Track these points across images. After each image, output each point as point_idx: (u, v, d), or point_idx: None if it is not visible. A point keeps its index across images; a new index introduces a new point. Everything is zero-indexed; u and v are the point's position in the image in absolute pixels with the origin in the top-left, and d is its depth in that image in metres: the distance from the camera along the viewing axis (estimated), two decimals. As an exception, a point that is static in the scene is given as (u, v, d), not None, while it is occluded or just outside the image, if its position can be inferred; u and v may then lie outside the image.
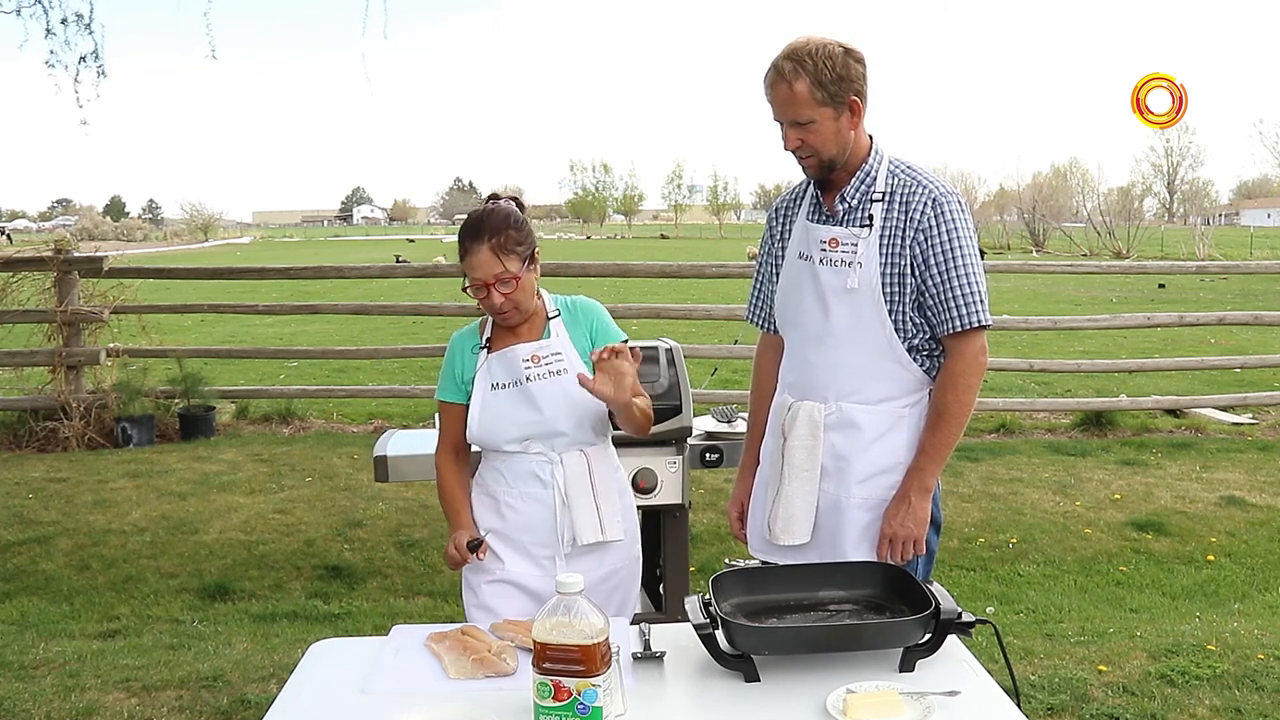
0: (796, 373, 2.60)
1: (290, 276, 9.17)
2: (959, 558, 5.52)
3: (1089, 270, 18.62)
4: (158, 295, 9.66)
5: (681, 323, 10.26)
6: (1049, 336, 13.19)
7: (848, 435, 2.50)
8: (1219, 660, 3.84)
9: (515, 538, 2.60)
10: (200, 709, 3.61)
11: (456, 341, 2.68)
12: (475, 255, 2.48)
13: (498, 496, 2.61)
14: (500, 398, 2.56)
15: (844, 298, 2.46)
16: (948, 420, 2.46)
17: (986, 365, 2.50)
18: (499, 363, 2.58)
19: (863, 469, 2.50)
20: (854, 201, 2.49)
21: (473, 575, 2.62)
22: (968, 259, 2.44)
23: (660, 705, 1.91)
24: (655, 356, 3.68)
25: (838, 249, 2.47)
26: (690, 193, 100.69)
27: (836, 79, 2.38)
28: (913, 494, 2.47)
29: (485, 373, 2.59)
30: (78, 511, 6.20)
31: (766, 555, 2.65)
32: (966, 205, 2.51)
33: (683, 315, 9.12)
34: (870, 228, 2.45)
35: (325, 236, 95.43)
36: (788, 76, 2.39)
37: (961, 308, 2.43)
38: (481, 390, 2.58)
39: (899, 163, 2.51)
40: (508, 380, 2.56)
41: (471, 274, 2.50)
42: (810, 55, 2.38)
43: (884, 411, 2.50)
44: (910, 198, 2.45)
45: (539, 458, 2.58)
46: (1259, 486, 6.65)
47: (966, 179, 70.25)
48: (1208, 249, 37.83)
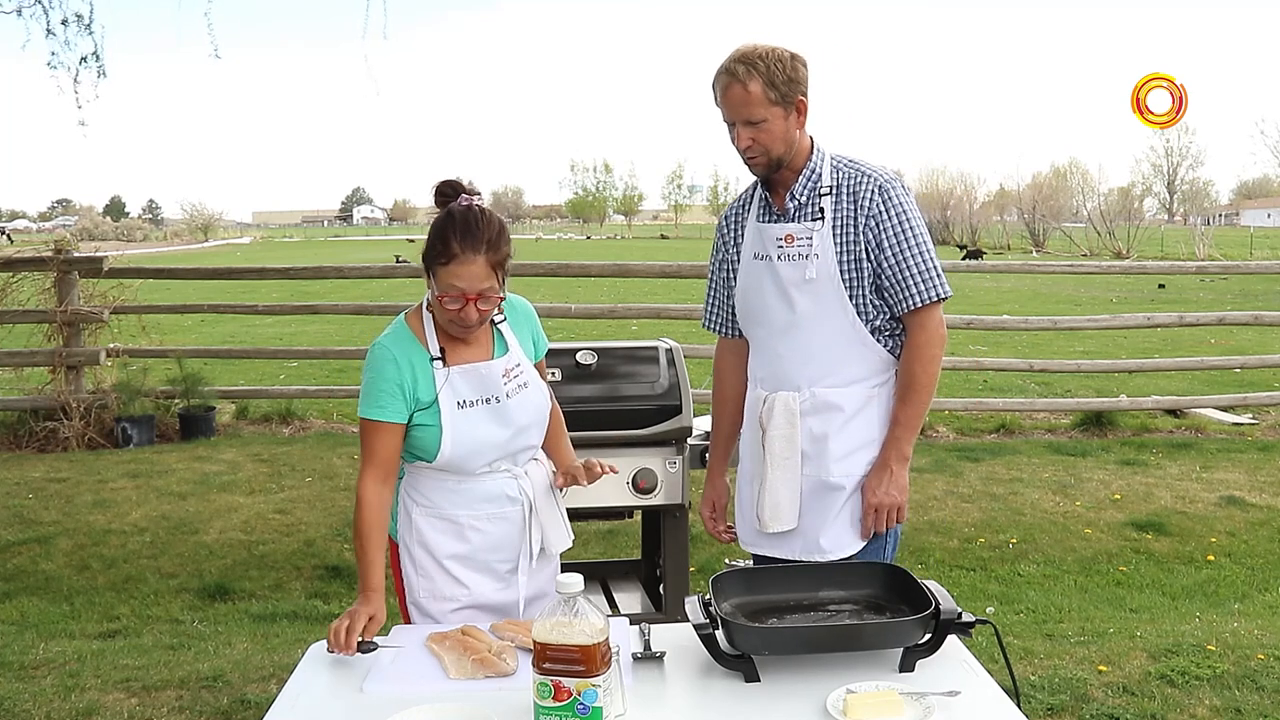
0: (767, 367, 2.69)
1: (290, 276, 9.16)
2: (959, 558, 5.52)
3: (1089, 270, 18.62)
4: (158, 295, 9.66)
5: (681, 323, 10.21)
6: (1049, 336, 13.19)
7: (823, 418, 2.60)
8: (1219, 660, 3.84)
9: (480, 559, 2.45)
10: (200, 709, 3.61)
11: (393, 352, 2.36)
12: (468, 265, 2.26)
13: (459, 520, 2.43)
14: (471, 417, 2.37)
15: (804, 288, 2.57)
16: (917, 391, 2.58)
17: (946, 336, 2.63)
18: (463, 378, 2.38)
19: (840, 447, 2.60)
20: (803, 198, 2.61)
21: (430, 603, 2.44)
22: (918, 238, 2.56)
23: (660, 705, 1.91)
24: (655, 356, 3.68)
25: (794, 244, 2.59)
26: (690, 193, 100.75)
27: (787, 80, 2.51)
28: (892, 463, 2.58)
29: (449, 390, 2.36)
30: (78, 511, 6.20)
31: (755, 547, 2.73)
32: (909, 189, 2.64)
33: (683, 315, 9.11)
34: (822, 220, 2.57)
35: (325, 236, 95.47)
36: (742, 78, 2.50)
37: (918, 284, 2.55)
38: (448, 409, 2.35)
39: (840, 157, 2.64)
40: (475, 397, 2.38)
41: (454, 282, 2.27)
42: (762, 59, 2.50)
43: (855, 392, 2.61)
44: (857, 188, 2.57)
45: (505, 475, 2.45)
46: (1259, 486, 6.65)
47: (966, 179, 70.20)
48: (1208, 249, 37.83)
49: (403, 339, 2.39)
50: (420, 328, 2.40)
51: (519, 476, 2.47)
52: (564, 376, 3.58)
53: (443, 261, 2.28)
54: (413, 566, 2.46)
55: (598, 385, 3.60)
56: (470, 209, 2.32)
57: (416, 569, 2.46)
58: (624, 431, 3.60)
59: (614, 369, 3.66)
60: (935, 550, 5.58)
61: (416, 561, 2.46)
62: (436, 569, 2.44)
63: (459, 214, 2.31)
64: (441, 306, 2.32)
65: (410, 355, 2.37)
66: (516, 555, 2.48)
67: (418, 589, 2.46)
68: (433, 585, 2.45)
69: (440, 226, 2.31)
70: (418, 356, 2.37)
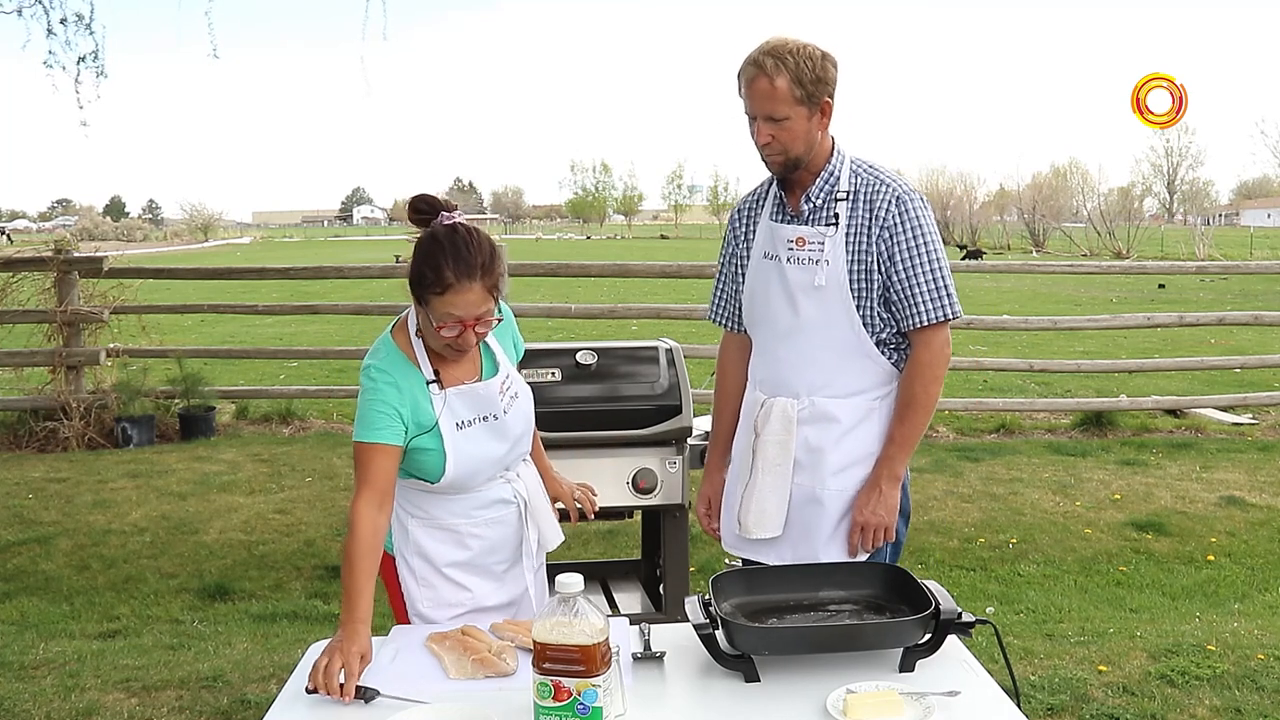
0: (767, 369, 2.65)
1: (290, 276, 9.17)
2: (959, 558, 5.52)
3: (1089, 270, 18.63)
4: (158, 295, 9.66)
5: (681, 323, 10.23)
6: (1049, 336, 13.19)
7: (820, 428, 2.56)
8: (1219, 660, 3.84)
9: (480, 563, 2.45)
10: (200, 709, 3.61)
11: (396, 373, 2.29)
12: (466, 293, 2.18)
13: (458, 529, 2.42)
14: (470, 437, 2.34)
15: (812, 294, 2.52)
16: (915, 410, 2.53)
17: (950, 356, 2.58)
18: (460, 400, 2.33)
19: (837, 461, 2.56)
20: (819, 201, 2.55)
21: (435, 611, 2.41)
22: (933, 254, 2.51)
23: (660, 705, 1.91)
24: (655, 356, 3.68)
25: (805, 248, 2.54)
26: (690, 193, 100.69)
27: (815, 79, 2.45)
28: (883, 482, 2.54)
29: (449, 413, 2.31)
30: (78, 511, 6.20)
31: (739, 550, 2.71)
32: (928, 204, 2.58)
33: (683, 315, 9.11)
34: (836, 226, 2.52)
35: (325, 236, 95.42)
36: (769, 72, 2.43)
37: (927, 303, 2.50)
38: (449, 431, 2.30)
39: (861, 162, 2.57)
40: (471, 416, 2.34)
41: (450, 312, 2.19)
42: (792, 54, 2.43)
43: (855, 404, 2.56)
44: (874, 196, 2.51)
45: (500, 481, 2.44)
46: (1259, 486, 6.65)
47: (966, 179, 70.11)
48: (1208, 249, 37.83)
49: (396, 362, 2.31)
50: (409, 349, 2.33)
51: (512, 480, 2.47)
52: (564, 376, 3.58)
53: (437, 291, 2.18)
54: (413, 577, 2.42)
55: (598, 385, 3.60)
56: (457, 231, 2.20)
57: (417, 580, 2.42)
58: (624, 431, 3.60)
59: (614, 369, 3.66)
60: (935, 550, 5.58)
61: (416, 572, 2.42)
62: (438, 577, 2.41)
63: (446, 239, 2.19)
64: (438, 335, 2.24)
65: (407, 380, 2.29)
66: (512, 555, 2.48)
67: (419, 599, 2.42)
68: (436, 594, 2.42)
69: (429, 253, 2.19)
70: (414, 380, 2.30)
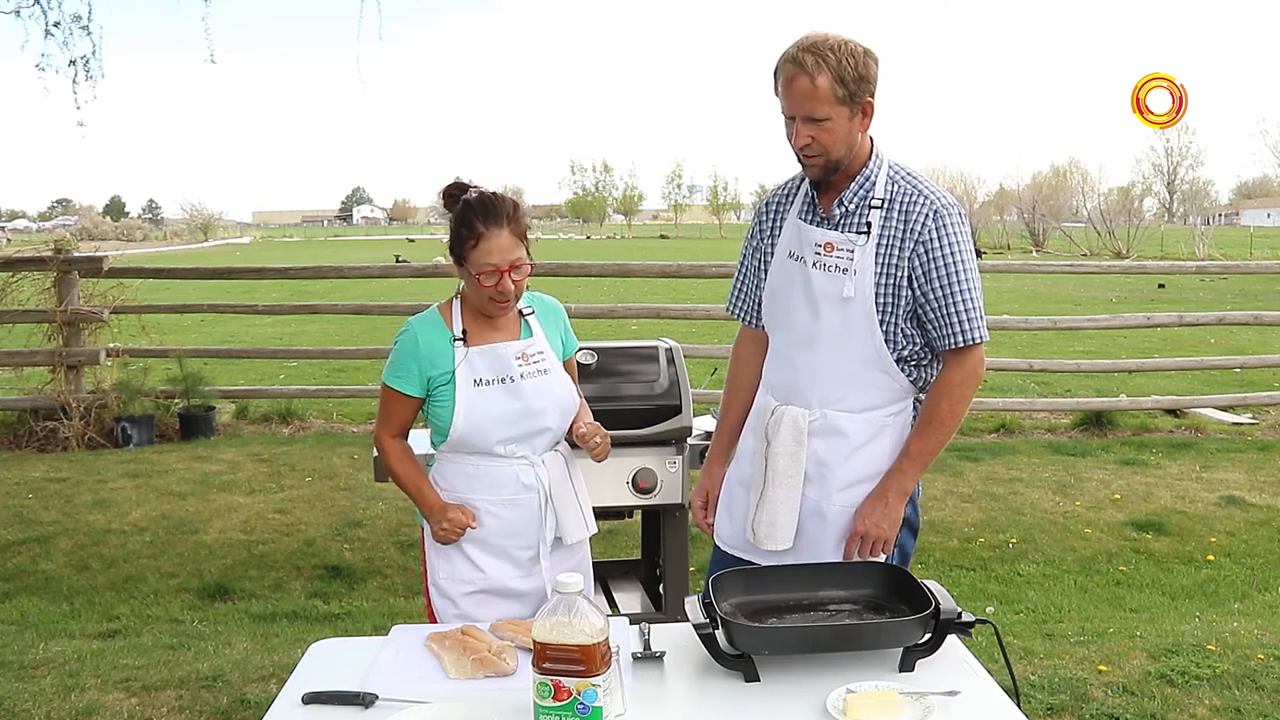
0: (781, 375, 2.57)
1: (290, 276, 9.17)
2: (959, 558, 5.52)
3: (1089, 270, 18.61)
4: (158, 295, 9.65)
5: (681, 323, 10.26)
6: (1049, 336, 13.18)
7: (831, 442, 2.48)
8: (1219, 660, 3.84)
9: (496, 543, 2.55)
10: (200, 709, 3.61)
11: (420, 330, 2.53)
12: (496, 239, 2.40)
13: (475, 505, 2.54)
14: (486, 395, 2.48)
15: (837, 304, 2.42)
16: (937, 427, 2.45)
17: (983, 376, 2.49)
18: (481, 358, 2.49)
19: (845, 476, 2.48)
20: (852, 206, 2.44)
21: (449, 585, 2.56)
22: (968, 274, 2.42)
23: (660, 705, 1.91)
24: (655, 356, 3.68)
25: (832, 254, 2.42)
26: (690, 193, 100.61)
27: (858, 78, 2.32)
28: (890, 494, 2.45)
29: (467, 368, 2.48)
30: (78, 511, 6.20)
31: (740, 551, 2.64)
32: (966, 217, 2.48)
33: (683, 315, 9.12)
34: (868, 235, 2.40)
35: (325, 236, 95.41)
36: (810, 70, 2.30)
37: (964, 323, 2.42)
38: (464, 386, 2.47)
39: (899, 169, 2.46)
40: (492, 377, 2.49)
41: (487, 259, 2.40)
42: (833, 50, 2.30)
43: (868, 420, 2.47)
44: (910, 207, 2.40)
45: (521, 462, 2.53)
46: (1259, 486, 6.65)
47: (966, 179, 70.09)
48: (1208, 249, 37.83)
49: (429, 321, 2.54)
50: (449, 313, 2.55)
51: (535, 465, 2.54)
52: (564, 376, 3.58)
53: (472, 243, 2.41)
54: (434, 549, 2.60)
55: (597, 385, 3.59)
56: (483, 193, 2.46)
57: (437, 552, 2.59)
58: (624, 431, 3.59)
59: (614, 368, 3.65)
60: (935, 550, 5.57)
61: (437, 545, 2.58)
62: (455, 551, 2.57)
63: (475, 200, 2.44)
64: (479, 285, 2.44)
65: (435, 334, 2.52)
66: (534, 543, 2.56)
67: (438, 570, 2.59)
68: (451, 568, 2.57)
69: (461, 214, 2.44)
70: (439, 335, 2.52)
